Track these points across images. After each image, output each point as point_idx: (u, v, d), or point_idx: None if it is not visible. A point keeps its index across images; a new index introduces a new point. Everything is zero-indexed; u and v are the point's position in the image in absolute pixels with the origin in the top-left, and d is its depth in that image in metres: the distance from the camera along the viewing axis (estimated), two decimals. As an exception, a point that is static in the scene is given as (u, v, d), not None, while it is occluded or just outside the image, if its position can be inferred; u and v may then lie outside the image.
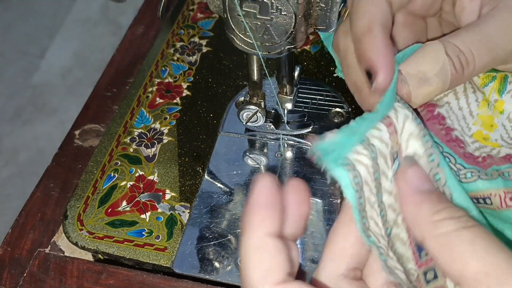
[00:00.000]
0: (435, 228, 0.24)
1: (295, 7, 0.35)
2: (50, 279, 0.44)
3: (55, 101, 1.60)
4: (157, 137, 0.52)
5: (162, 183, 0.48)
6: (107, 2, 1.81)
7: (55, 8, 1.85)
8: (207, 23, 0.63)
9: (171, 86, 0.56)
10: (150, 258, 0.43)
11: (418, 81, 0.32)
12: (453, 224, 0.24)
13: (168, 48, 0.60)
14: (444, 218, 0.24)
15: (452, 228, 0.24)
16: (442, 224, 0.24)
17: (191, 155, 0.50)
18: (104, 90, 0.58)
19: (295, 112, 0.52)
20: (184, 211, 0.46)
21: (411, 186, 0.26)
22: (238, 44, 0.39)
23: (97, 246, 0.44)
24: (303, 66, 0.57)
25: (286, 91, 0.46)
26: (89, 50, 1.72)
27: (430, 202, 0.25)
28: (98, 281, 0.43)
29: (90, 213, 0.46)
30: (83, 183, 0.49)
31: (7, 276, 0.44)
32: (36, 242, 0.46)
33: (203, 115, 0.53)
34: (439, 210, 0.24)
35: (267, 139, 0.51)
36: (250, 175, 0.48)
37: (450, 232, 0.24)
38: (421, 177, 0.26)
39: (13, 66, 1.69)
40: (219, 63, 0.58)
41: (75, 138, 0.54)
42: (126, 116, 0.53)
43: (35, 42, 1.75)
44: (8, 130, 1.54)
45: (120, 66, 0.60)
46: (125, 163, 0.50)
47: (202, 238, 0.44)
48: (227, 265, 0.42)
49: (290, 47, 0.38)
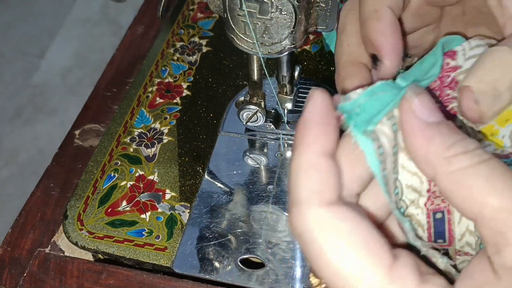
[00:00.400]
0: (448, 164, 0.22)
1: (295, 7, 0.35)
2: (50, 279, 0.44)
3: (55, 101, 1.60)
4: (157, 137, 0.52)
5: (162, 183, 0.48)
6: (107, 2, 1.81)
7: (55, 8, 1.85)
8: (207, 23, 0.63)
9: (171, 86, 0.56)
10: (150, 258, 0.43)
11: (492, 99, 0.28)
12: (468, 159, 0.22)
13: (168, 48, 0.60)
14: (457, 153, 0.22)
15: (467, 163, 0.21)
16: (456, 160, 0.22)
17: (191, 155, 0.50)
18: (104, 90, 0.58)
19: (295, 112, 0.52)
20: (184, 211, 0.46)
21: (419, 117, 0.23)
22: (238, 44, 0.39)
23: (97, 246, 0.44)
24: (303, 66, 0.57)
25: (286, 91, 0.46)
26: (89, 50, 1.72)
27: (441, 135, 0.22)
28: (98, 281, 0.43)
29: (90, 213, 0.46)
30: (83, 183, 0.49)
31: (7, 276, 0.44)
32: (36, 242, 0.46)
33: (203, 115, 0.53)
34: (452, 144, 0.22)
35: (267, 139, 0.51)
36: (250, 175, 0.48)
37: (466, 168, 0.21)
38: (430, 107, 0.23)
39: (13, 66, 1.69)
40: (219, 63, 0.58)
41: (75, 138, 0.54)
42: (126, 116, 0.53)
43: (35, 42, 1.75)
44: (8, 130, 1.54)
45: (120, 66, 0.60)
46: (125, 163, 0.50)
47: (202, 238, 0.44)
48: (227, 265, 0.42)
49: (290, 47, 0.38)
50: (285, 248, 0.42)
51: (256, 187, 0.47)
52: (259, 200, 0.46)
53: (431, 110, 0.23)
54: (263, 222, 0.44)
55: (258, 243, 0.43)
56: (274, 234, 0.44)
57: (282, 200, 0.46)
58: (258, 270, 0.42)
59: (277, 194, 0.46)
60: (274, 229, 0.44)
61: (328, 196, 0.22)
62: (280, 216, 0.45)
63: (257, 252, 0.42)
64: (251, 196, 0.46)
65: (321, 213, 0.22)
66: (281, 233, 0.44)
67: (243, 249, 0.43)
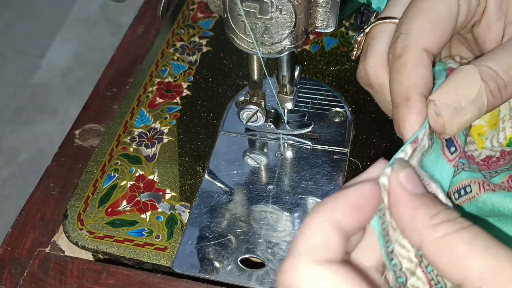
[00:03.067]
0: (433, 232, 0.24)
1: (295, 7, 0.35)
2: (50, 278, 0.44)
3: (55, 101, 1.60)
4: (157, 136, 0.52)
5: (162, 182, 0.48)
6: (107, 2, 1.81)
7: (55, 8, 1.85)
8: (207, 23, 0.63)
9: (171, 86, 0.56)
10: (150, 258, 0.43)
11: (453, 112, 0.30)
12: (450, 226, 0.23)
13: (168, 47, 0.60)
14: (441, 221, 0.24)
15: (450, 230, 0.23)
16: (440, 228, 0.23)
17: (191, 155, 0.50)
18: (104, 90, 0.58)
19: (295, 112, 0.52)
20: (184, 210, 0.46)
21: (406, 188, 0.25)
22: (238, 43, 0.39)
23: (97, 245, 0.44)
24: (303, 66, 0.57)
25: (286, 91, 0.46)
26: (89, 50, 1.72)
27: (426, 205, 0.24)
28: (98, 280, 0.43)
29: (90, 212, 0.46)
30: (83, 183, 0.49)
31: (7, 275, 0.44)
32: (36, 242, 0.46)
33: (203, 115, 0.53)
34: (436, 213, 0.24)
35: (267, 139, 0.51)
36: (250, 175, 0.48)
37: (449, 235, 0.23)
38: (414, 180, 0.26)
39: (13, 66, 1.69)
40: (219, 63, 0.58)
41: (75, 138, 0.54)
42: (126, 116, 0.53)
43: (35, 42, 1.75)
44: (8, 130, 1.54)
45: (120, 66, 0.60)
46: (125, 163, 0.50)
47: (202, 237, 0.44)
48: (227, 265, 0.42)
49: (290, 47, 0.38)
50: (285, 248, 0.42)
51: (256, 187, 0.47)
52: (259, 200, 0.46)
53: (416, 182, 0.26)
54: (263, 222, 0.44)
55: (258, 243, 0.43)
56: (274, 234, 0.44)
57: (282, 200, 0.46)
58: (258, 270, 0.42)
59: (277, 194, 0.46)
60: (274, 229, 0.44)
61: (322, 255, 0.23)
62: (280, 216, 0.45)
63: (257, 252, 0.42)
64: (251, 196, 0.46)
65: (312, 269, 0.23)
66: (281, 233, 0.44)
67: (243, 249, 0.43)
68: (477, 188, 0.34)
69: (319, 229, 0.24)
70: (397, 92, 0.32)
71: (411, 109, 0.31)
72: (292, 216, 0.45)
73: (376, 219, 0.26)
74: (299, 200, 0.46)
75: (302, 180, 0.47)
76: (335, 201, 0.24)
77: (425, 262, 0.26)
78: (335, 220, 0.24)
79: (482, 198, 0.34)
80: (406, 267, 0.26)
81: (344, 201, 0.24)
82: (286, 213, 0.45)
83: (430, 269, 0.26)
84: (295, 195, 0.46)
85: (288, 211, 0.45)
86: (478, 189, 0.34)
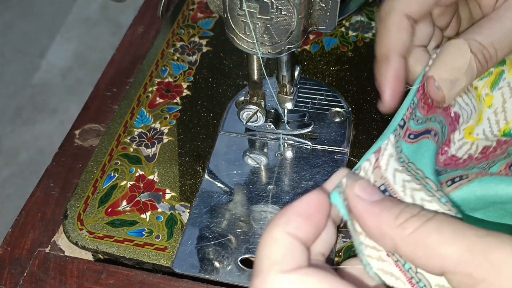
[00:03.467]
0: (402, 230, 0.24)
1: (295, 7, 0.35)
2: (50, 278, 0.44)
3: (55, 101, 1.60)
4: (157, 136, 0.52)
5: (162, 182, 0.48)
6: (107, 2, 1.81)
7: (55, 8, 1.85)
8: (207, 23, 0.63)
9: (171, 86, 0.56)
10: (150, 258, 0.43)
11: (450, 84, 0.33)
12: (416, 221, 0.24)
13: (168, 47, 0.60)
14: (406, 219, 0.24)
15: (416, 224, 0.24)
16: (407, 225, 0.24)
17: (191, 155, 0.50)
18: (104, 90, 0.58)
19: (295, 112, 0.52)
20: (184, 210, 0.46)
21: (364, 199, 0.26)
22: (238, 44, 0.39)
23: (97, 245, 0.44)
24: (303, 66, 0.57)
25: (286, 91, 0.46)
26: (89, 50, 1.72)
27: (387, 208, 0.25)
28: (98, 280, 0.43)
29: (90, 212, 0.46)
30: (83, 183, 0.49)
31: (7, 275, 0.44)
32: (36, 242, 0.46)
33: (203, 115, 0.53)
34: (399, 212, 0.25)
35: (267, 139, 0.51)
36: (250, 175, 0.48)
37: (417, 229, 0.24)
38: (370, 189, 0.27)
39: (13, 66, 1.69)
40: (219, 63, 0.58)
41: (75, 138, 0.54)
42: (126, 116, 0.53)
43: (35, 42, 1.75)
44: (8, 130, 1.54)
45: (120, 66, 0.60)
46: (125, 163, 0.50)
47: (202, 237, 0.44)
48: (227, 265, 0.42)
49: (290, 46, 0.38)
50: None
51: (256, 187, 0.47)
52: (259, 200, 0.46)
53: (372, 191, 0.27)
54: (263, 222, 0.44)
55: (258, 243, 0.43)
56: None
57: (282, 200, 0.46)
58: (258, 270, 0.42)
59: (277, 194, 0.46)
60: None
61: (287, 266, 0.24)
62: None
63: (257, 252, 0.42)
64: (251, 196, 0.46)
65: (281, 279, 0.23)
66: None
67: (243, 249, 0.43)
68: (474, 175, 0.34)
69: (278, 243, 0.24)
70: (379, 51, 0.36)
71: (389, 67, 0.35)
72: (292, 216, 0.45)
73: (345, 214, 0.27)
74: (299, 200, 0.46)
75: (302, 180, 0.47)
76: (286, 214, 0.25)
77: (401, 261, 0.26)
78: (290, 232, 0.25)
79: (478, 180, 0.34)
80: (378, 267, 0.26)
81: (295, 213, 0.25)
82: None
83: (408, 266, 0.26)
84: (295, 195, 0.46)
85: None
86: (475, 175, 0.34)
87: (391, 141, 0.31)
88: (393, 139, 0.31)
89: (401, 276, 0.26)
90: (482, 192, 0.33)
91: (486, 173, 0.34)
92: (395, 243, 0.24)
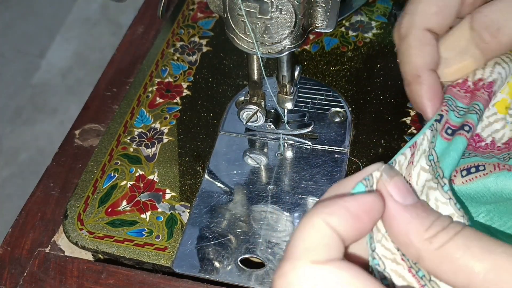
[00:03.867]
0: (430, 245, 0.23)
1: (295, 7, 0.35)
2: (50, 278, 0.44)
3: (55, 101, 1.60)
4: (157, 136, 0.52)
5: (162, 182, 0.48)
6: (107, 2, 1.81)
7: (55, 8, 1.85)
8: (207, 23, 0.63)
9: (171, 86, 0.56)
10: (150, 258, 0.43)
11: (443, 61, 0.33)
12: (445, 235, 0.23)
13: (168, 47, 0.60)
14: (436, 232, 0.23)
15: (445, 239, 0.23)
16: (436, 239, 0.23)
17: (191, 155, 0.50)
18: (104, 90, 0.58)
19: (295, 112, 0.52)
20: (184, 210, 0.46)
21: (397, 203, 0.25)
22: (238, 43, 0.39)
23: (97, 245, 0.44)
24: (303, 66, 0.57)
25: (286, 91, 0.46)
26: (89, 50, 1.72)
27: (419, 218, 0.24)
28: (98, 280, 0.43)
29: (90, 212, 0.46)
30: (83, 183, 0.49)
31: (7, 275, 0.44)
32: (36, 242, 0.46)
33: (203, 115, 0.53)
34: (430, 225, 0.24)
35: (267, 139, 0.51)
36: (250, 175, 0.48)
37: (445, 244, 0.23)
38: (404, 190, 0.25)
39: (13, 66, 1.69)
40: (219, 63, 0.58)
41: (75, 138, 0.54)
42: (126, 116, 0.53)
43: (35, 42, 1.75)
44: (8, 130, 1.54)
45: (120, 66, 0.60)
46: (125, 163, 0.50)
47: (202, 237, 0.44)
48: (227, 265, 0.42)
49: (290, 47, 0.38)
50: (285, 248, 0.42)
51: (256, 187, 0.47)
52: (259, 200, 0.46)
53: (406, 192, 0.25)
54: (263, 222, 0.44)
55: (258, 243, 0.43)
56: (274, 234, 0.44)
57: (282, 200, 0.46)
58: (258, 270, 0.42)
59: (277, 194, 0.46)
60: (274, 229, 0.44)
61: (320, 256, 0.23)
62: (280, 216, 0.45)
63: (257, 252, 0.42)
64: (251, 196, 0.46)
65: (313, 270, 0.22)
66: (281, 233, 0.44)
67: (243, 249, 0.43)
68: (492, 167, 0.33)
69: (316, 231, 0.23)
70: (407, 71, 0.34)
71: (423, 84, 0.33)
72: (292, 216, 0.45)
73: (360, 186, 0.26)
74: (299, 200, 0.46)
75: (302, 180, 0.47)
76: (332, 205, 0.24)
77: (415, 268, 0.25)
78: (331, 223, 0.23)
79: (495, 176, 0.33)
80: (391, 268, 0.26)
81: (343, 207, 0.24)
82: (286, 213, 0.45)
83: (422, 274, 0.25)
84: (295, 195, 0.46)
85: (288, 211, 0.45)
86: (493, 168, 0.33)
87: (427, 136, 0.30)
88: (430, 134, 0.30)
89: (413, 281, 0.26)
90: (497, 188, 0.33)
91: (505, 166, 0.33)
92: (420, 255, 0.24)
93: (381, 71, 0.56)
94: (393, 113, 0.51)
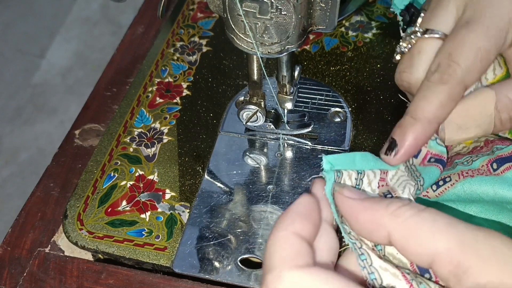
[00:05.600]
0: (396, 217, 0.25)
1: (295, 7, 0.35)
2: (50, 278, 0.44)
3: (55, 101, 1.60)
4: (157, 136, 0.52)
5: (162, 182, 0.48)
6: (107, 2, 1.81)
7: (55, 8, 1.85)
8: (207, 23, 0.63)
9: (171, 86, 0.56)
10: (150, 258, 0.43)
11: (457, 129, 0.33)
12: (409, 209, 0.25)
13: (168, 47, 0.60)
14: (399, 207, 0.25)
15: (411, 212, 0.25)
16: (400, 212, 0.25)
17: (191, 155, 0.50)
18: (104, 90, 0.58)
19: (295, 112, 0.52)
20: (184, 210, 0.46)
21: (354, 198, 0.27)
22: (238, 44, 0.39)
23: (97, 245, 0.44)
24: (303, 66, 0.57)
25: (286, 91, 0.46)
26: (89, 50, 1.72)
27: (377, 202, 0.26)
28: (98, 280, 0.43)
29: (90, 212, 0.46)
30: (83, 183, 0.49)
31: (7, 275, 0.44)
32: (36, 242, 0.46)
33: (203, 115, 0.53)
34: (389, 203, 0.26)
35: (267, 139, 0.51)
36: (250, 175, 0.48)
37: (411, 216, 0.25)
38: (357, 191, 0.28)
39: (13, 66, 1.69)
40: (219, 63, 0.58)
41: (75, 138, 0.54)
42: (126, 116, 0.53)
43: (35, 42, 1.75)
44: (8, 130, 1.54)
45: (120, 66, 0.60)
46: (125, 163, 0.50)
47: (202, 237, 0.44)
48: (227, 265, 0.42)
49: (290, 47, 0.38)
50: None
51: (256, 187, 0.47)
52: (259, 200, 0.46)
53: (358, 192, 0.28)
54: (263, 222, 0.44)
55: (258, 243, 0.43)
56: (274, 234, 0.44)
57: (282, 200, 0.46)
58: (258, 270, 0.42)
59: (276, 194, 0.46)
60: (274, 229, 0.44)
61: (297, 261, 0.24)
62: (280, 216, 0.45)
63: (257, 252, 0.42)
64: (251, 196, 0.46)
65: (294, 274, 0.24)
66: (281, 233, 0.44)
67: (243, 249, 0.43)
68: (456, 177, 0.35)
69: (287, 242, 0.25)
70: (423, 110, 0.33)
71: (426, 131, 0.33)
72: (292, 216, 0.45)
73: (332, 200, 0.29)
74: (299, 200, 0.46)
75: (302, 180, 0.47)
76: (290, 215, 0.26)
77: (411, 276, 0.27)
78: (296, 231, 0.26)
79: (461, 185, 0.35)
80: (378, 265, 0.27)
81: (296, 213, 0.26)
82: (286, 213, 0.45)
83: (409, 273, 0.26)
84: (295, 195, 0.46)
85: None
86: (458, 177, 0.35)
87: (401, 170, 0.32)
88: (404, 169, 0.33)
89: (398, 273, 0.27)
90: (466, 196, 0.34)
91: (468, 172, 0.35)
92: (389, 231, 0.25)
93: (381, 71, 0.56)
94: (393, 113, 0.51)
